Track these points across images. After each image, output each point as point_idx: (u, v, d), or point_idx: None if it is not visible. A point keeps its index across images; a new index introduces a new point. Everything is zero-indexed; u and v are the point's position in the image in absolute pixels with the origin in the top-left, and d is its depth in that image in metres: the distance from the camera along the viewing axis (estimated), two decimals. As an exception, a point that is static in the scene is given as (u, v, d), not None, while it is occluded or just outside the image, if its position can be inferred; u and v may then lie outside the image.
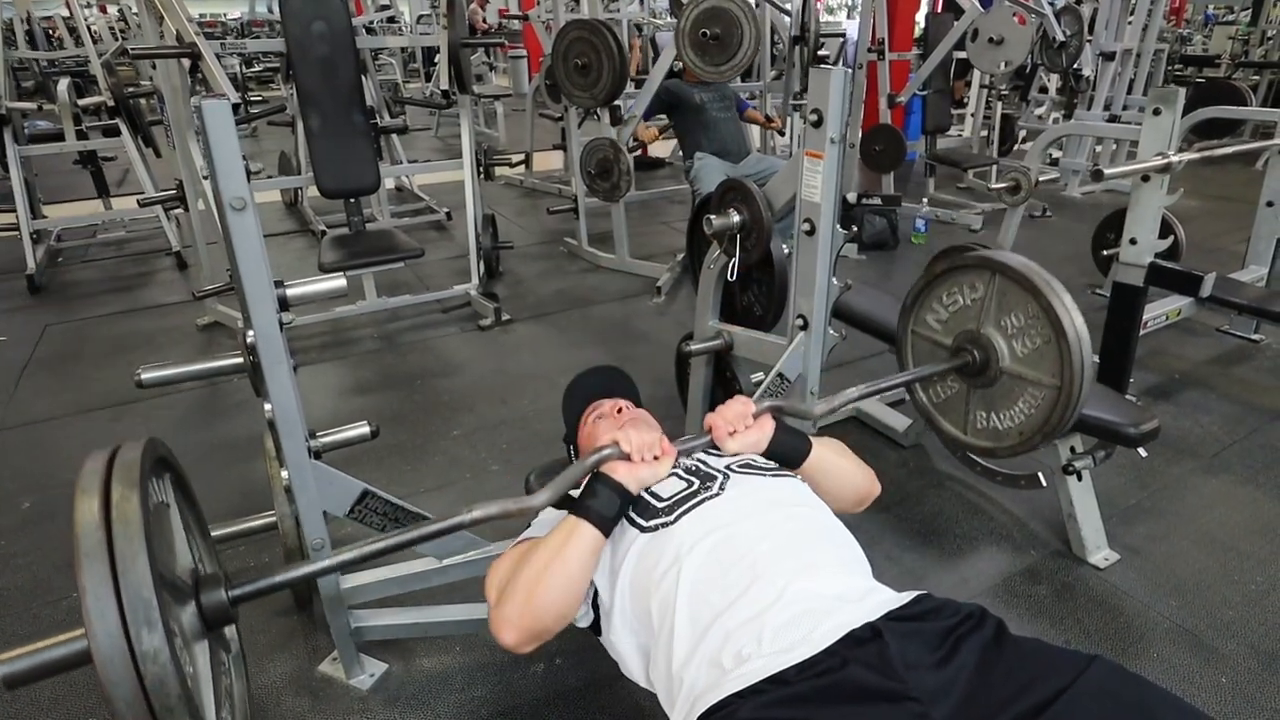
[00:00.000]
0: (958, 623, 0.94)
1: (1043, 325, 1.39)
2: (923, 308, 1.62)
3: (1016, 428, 1.48)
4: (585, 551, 1.06)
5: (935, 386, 1.64)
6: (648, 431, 1.17)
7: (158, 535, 0.82)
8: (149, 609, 0.71)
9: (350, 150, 3.18)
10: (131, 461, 0.82)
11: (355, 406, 2.78)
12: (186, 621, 0.88)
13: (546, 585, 1.03)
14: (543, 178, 5.99)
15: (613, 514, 1.08)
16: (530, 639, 1.04)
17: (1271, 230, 2.97)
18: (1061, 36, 4.18)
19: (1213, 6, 10.75)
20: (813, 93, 1.51)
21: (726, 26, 3.21)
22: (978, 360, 1.48)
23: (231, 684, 1.00)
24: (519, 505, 1.05)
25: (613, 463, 1.12)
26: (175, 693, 0.71)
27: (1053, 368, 1.38)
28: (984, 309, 1.48)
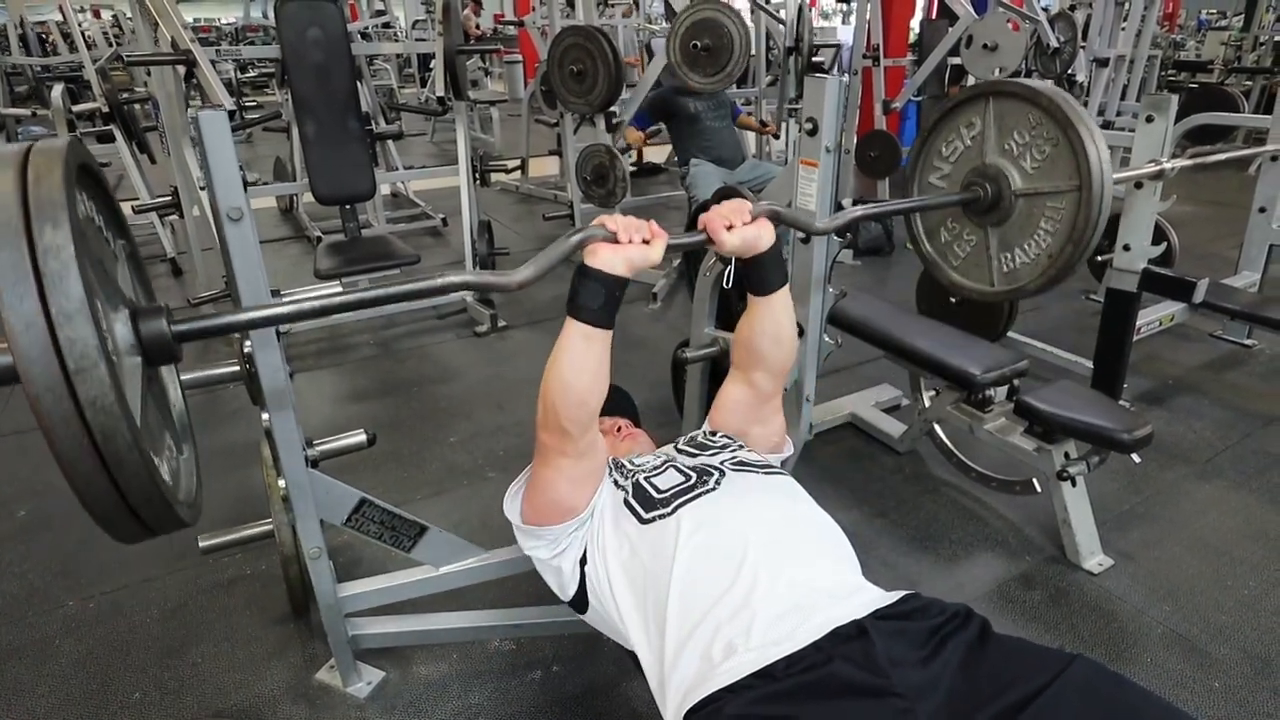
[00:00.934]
0: (943, 622, 0.95)
1: (1048, 129, 1.33)
2: (924, 169, 1.54)
3: (1044, 251, 1.40)
4: (575, 346, 1.06)
5: (952, 247, 1.56)
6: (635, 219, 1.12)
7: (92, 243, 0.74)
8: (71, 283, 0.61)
9: (345, 156, 3.18)
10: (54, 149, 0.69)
11: (352, 413, 2.78)
12: (119, 334, 0.77)
13: (547, 385, 1.07)
14: (538, 184, 5.99)
15: (599, 303, 1.05)
16: (556, 434, 1.09)
17: (1264, 236, 2.99)
18: (1055, 43, 4.20)
19: (1205, 12, 10.83)
20: (808, 101, 1.52)
21: (717, 37, 3.23)
22: (989, 192, 1.41)
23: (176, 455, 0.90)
24: (500, 277, 1.01)
25: (596, 244, 1.07)
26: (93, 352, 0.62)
27: (1067, 169, 1.32)
28: (985, 140, 1.42)
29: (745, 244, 1.18)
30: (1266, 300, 2.76)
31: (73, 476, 0.66)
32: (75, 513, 0.74)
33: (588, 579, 1.16)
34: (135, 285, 0.95)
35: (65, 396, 0.62)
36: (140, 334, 0.79)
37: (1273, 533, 2.06)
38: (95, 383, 0.63)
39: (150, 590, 1.86)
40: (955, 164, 1.49)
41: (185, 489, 0.88)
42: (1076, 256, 1.38)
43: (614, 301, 1.06)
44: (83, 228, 0.69)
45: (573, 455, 1.13)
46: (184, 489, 0.87)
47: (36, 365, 0.61)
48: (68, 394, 0.62)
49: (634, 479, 1.22)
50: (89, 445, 0.64)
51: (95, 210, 0.84)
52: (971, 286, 1.54)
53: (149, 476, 0.69)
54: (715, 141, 3.96)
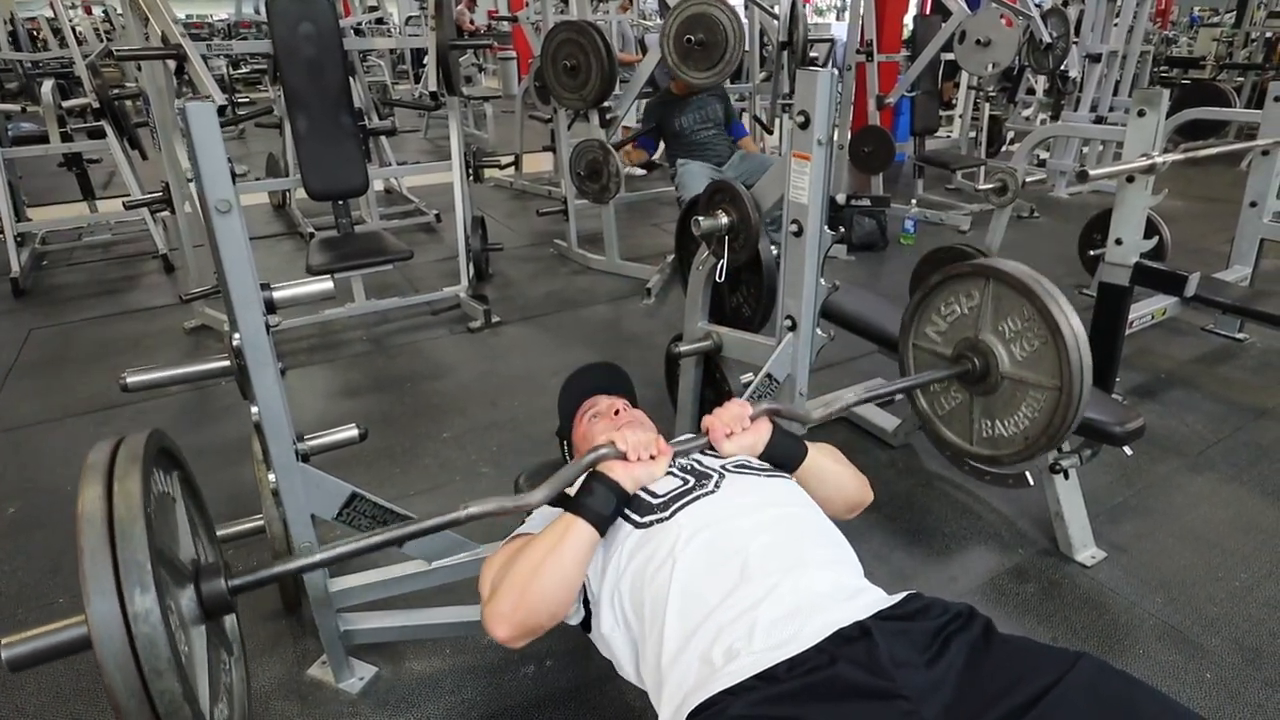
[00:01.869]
0: (946, 622, 0.95)
1: (1039, 327, 1.39)
2: (922, 320, 1.62)
3: (1021, 433, 1.48)
4: (580, 548, 1.06)
5: (939, 399, 1.64)
6: (644, 431, 1.19)
7: (161, 521, 0.84)
8: (142, 571, 0.74)
9: (338, 152, 3.17)
10: (136, 445, 0.85)
11: (344, 409, 2.77)
12: (185, 605, 0.89)
13: (541, 581, 1.03)
14: (532, 179, 5.98)
15: (609, 512, 1.09)
16: (523, 634, 1.04)
17: (1255, 230, 3.00)
18: (1048, 38, 4.21)
19: (1198, 9, 10.86)
20: (800, 95, 1.51)
21: (711, 32, 3.22)
22: (978, 367, 1.48)
23: (232, 683, 1.00)
24: (515, 502, 1.06)
25: (609, 462, 1.13)
26: (165, 655, 0.73)
27: (1051, 369, 1.39)
28: (981, 315, 1.49)
29: (743, 450, 1.24)
30: (1258, 294, 2.77)
31: None
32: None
33: (591, 604, 1.14)
34: (204, 548, 1.08)
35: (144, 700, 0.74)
36: (202, 597, 0.92)
37: (1264, 525, 2.07)
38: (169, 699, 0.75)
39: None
40: (951, 326, 1.57)
41: (239, 708, 1.00)
42: (1049, 447, 1.46)
43: (618, 513, 1.11)
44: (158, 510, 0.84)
45: None
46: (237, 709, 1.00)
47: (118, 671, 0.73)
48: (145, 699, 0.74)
49: None
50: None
51: (175, 487, 0.98)
52: (954, 441, 1.63)
53: None
54: (703, 151, 3.99)
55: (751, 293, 2.04)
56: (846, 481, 1.34)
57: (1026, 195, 3.65)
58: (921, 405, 1.69)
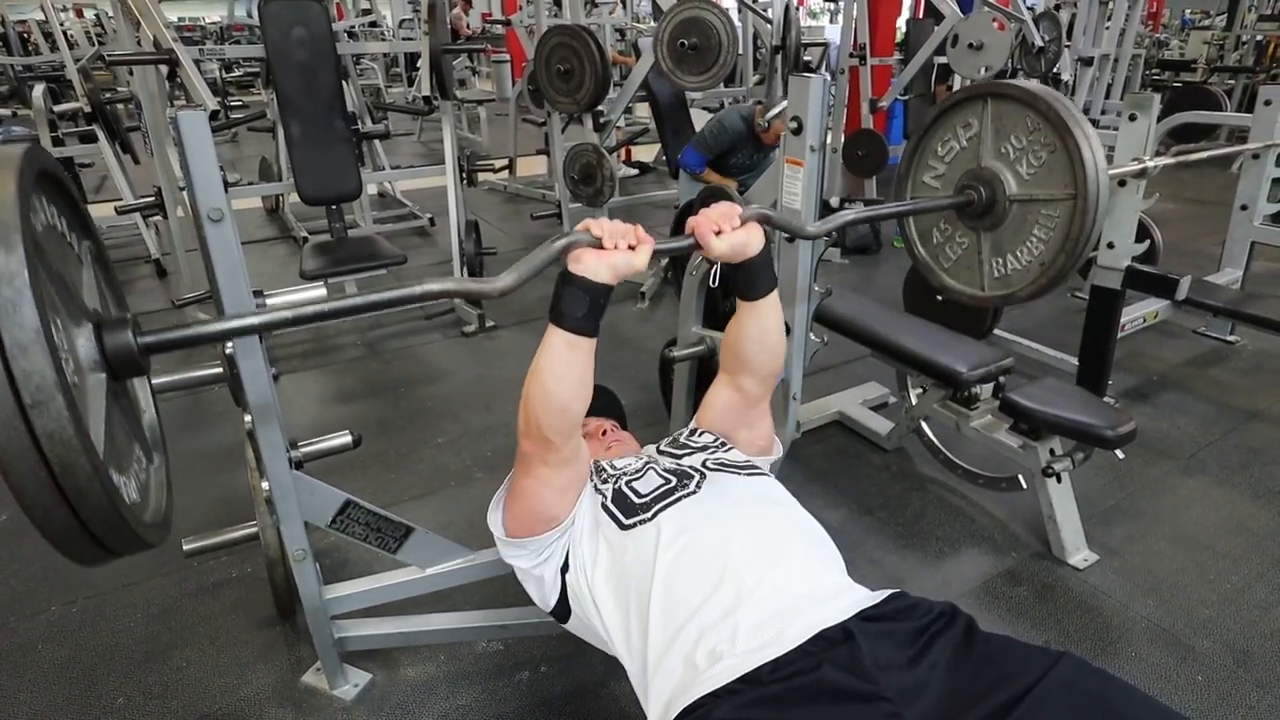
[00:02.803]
0: (929, 621, 0.95)
1: (1045, 134, 1.31)
2: (919, 169, 1.51)
3: (1036, 259, 1.39)
4: (563, 352, 1.04)
5: (943, 249, 1.54)
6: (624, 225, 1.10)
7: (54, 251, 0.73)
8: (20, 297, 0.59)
9: (331, 156, 3.16)
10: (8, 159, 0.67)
11: (338, 415, 2.77)
12: (81, 346, 0.75)
13: (536, 389, 1.06)
14: (526, 183, 5.98)
15: (583, 311, 1.02)
16: (538, 443, 1.09)
17: (1246, 233, 3.02)
18: (1040, 42, 4.23)
19: (1189, 12, 10.93)
20: (792, 100, 1.52)
21: (704, 36, 3.22)
22: (983, 196, 1.39)
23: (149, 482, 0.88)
24: (478, 285, 0.99)
25: (580, 250, 1.04)
26: (50, 378, 0.61)
27: (1063, 176, 1.31)
28: (981, 142, 1.40)
29: (734, 250, 1.15)
30: (1248, 297, 2.79)
31: (30, 509, 0.65)
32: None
33: (569, 587, 1.15)
34: (103, 289, 0.93)
35: (22, 431, 0.61)
36: (105, 349, 0.77)
37: (1255, 527, 2.08)
38: (52, 416, 0.61)
39: (134, 594, 1.84)
40: (950, 164, 1.48)
41: (154, 505, 0.86)
42: (1069, 266, 1.35)
43: (598, 309, 1.04)
44: (41, 242, 0.68)
45: (555, 464, 1.12)
46: (152, 506, 0.86)
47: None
48: (24, 428, 0.61)
49: (615, 484, 1.21)
50: (47, 478, 0.63)
51: (57, 215, 0.81)
52: (962, 289, 1.53)
53: (111, 505, 0.68)
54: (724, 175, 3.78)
55: (745, 297, 2.03)
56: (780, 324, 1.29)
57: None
58: (922, 256, 1.58)
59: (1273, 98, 2.80)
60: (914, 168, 1.54)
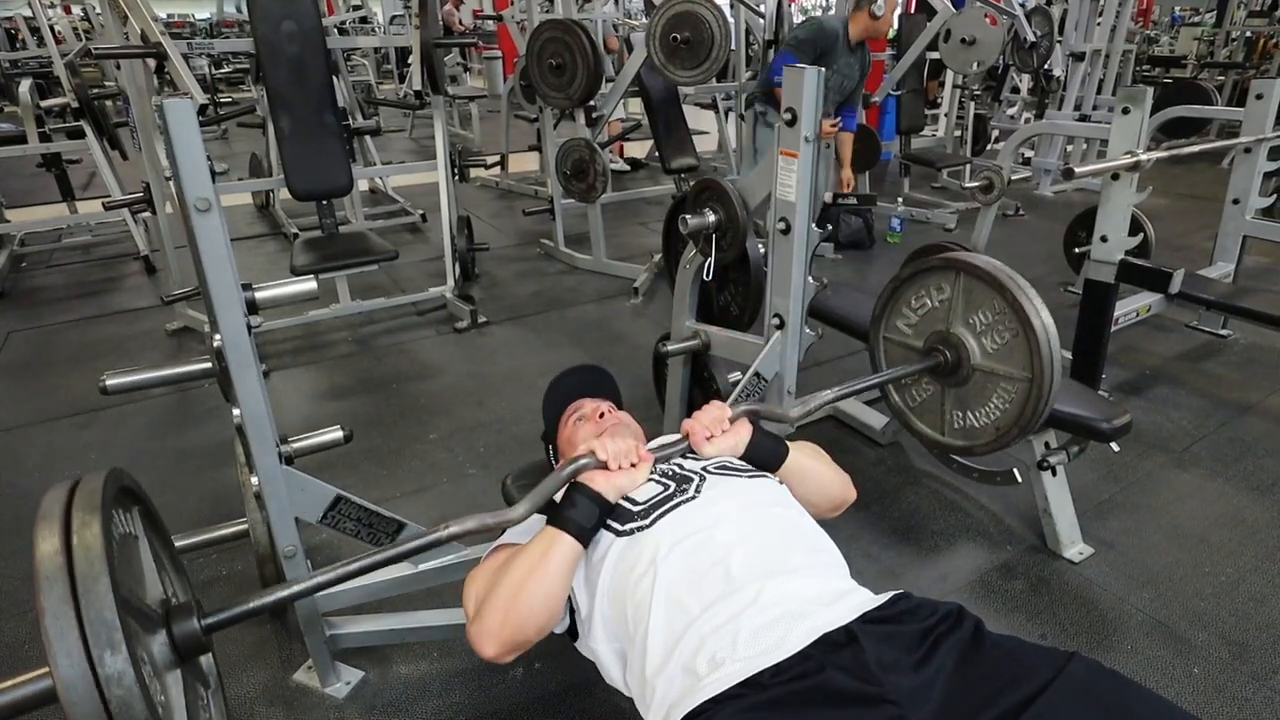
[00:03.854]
0: (935, 623, 0.93)
1: (1009, 320, 1.40)
2: (892, 313, 1.63)
3: (992, 424, 1.49)
4: (565, 562, 1.05)
5: (911, 390, 1.65)
6: (624, 438, 1.18)
7: (124, 565, 0.80)
8: (111, 630, 0.69)
9: (322, 152, 3.14)
10: (93, 489, 0.80)
11: (329, 411, 2.74)
12: (157, 651, 0.85)
13: (527, 597, 1.02)
14: (518, 179, 5.95)
15: (591, 524, 1.08)
16: (510, 650, 1.03)
17: (1237, 227, 3.03)
18: (1032, 37, 4.23)
19: (1179, 8, 10.97)
20: (787, 92, 1.51)
21: (696, 30, 3.21)
22: (950, 359, 1.50)
23: (211, 717, 0.97)
24: (496, 519, 1.05)
25: (590, 472, 1.12)
26: (141, 715, 0.69)
27: (1022, 360, 1.40)
28: (952, 309, 1.50)
29: (722, 452, 1.23)
30: (1241, 291, 2.79)
31: None
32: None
33: (577, 611, 1.13)
34: (172, 583, 1.02)
35: None
36: (175, 641, 0.87)
37: (1249, 519, 2.08)
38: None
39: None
40: (922, 319, 1.57)
41: None
42: (1022, 436, 1.47)
43: (600, 524, 1.10)
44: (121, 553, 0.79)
45: None
46: None
47: None
48: None
49: None
50: None
51: (137, 524, 0.93)
52: (925, 431, 1.64)
53: None
54: None
55: (739, 291, 2.03)
56: (829, 480, 1.33)
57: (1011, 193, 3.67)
58: (894, 399, 1.70)
59: (1264, 92, 2.80)
60: (887, 313, 1.63)
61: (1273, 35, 7.31)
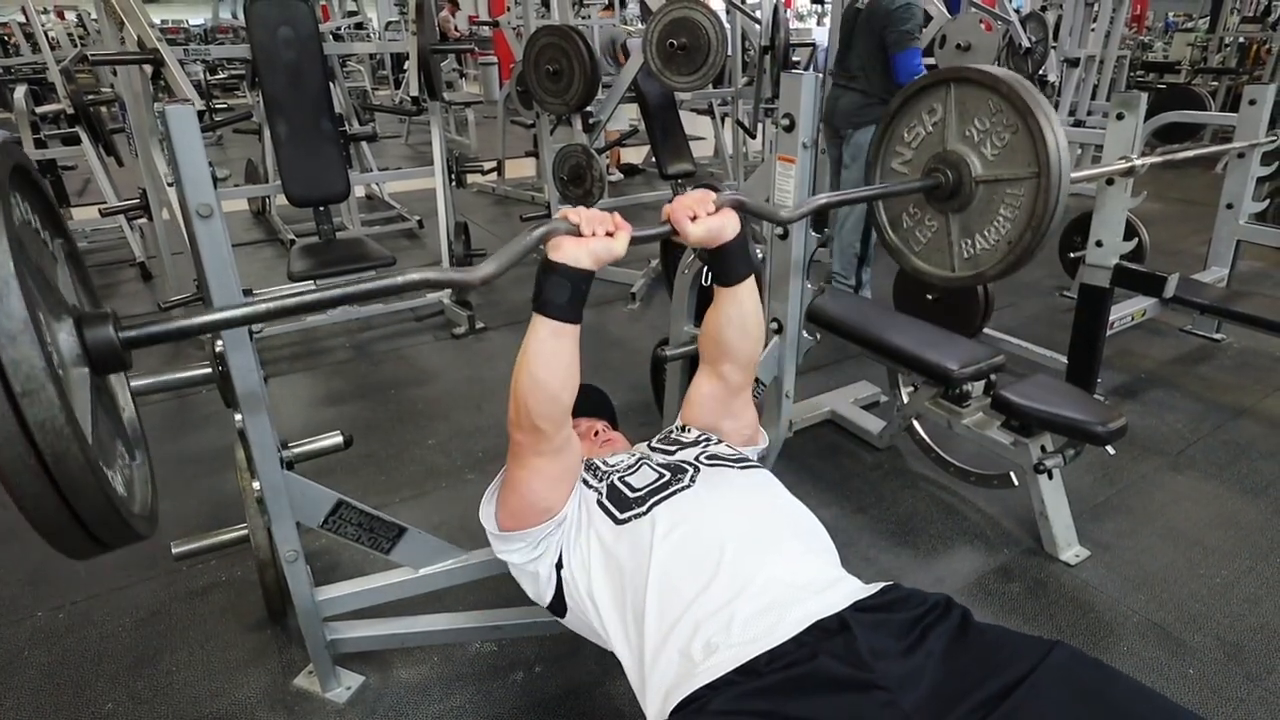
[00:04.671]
0: (924, 612, 0.96)
1: (1008, 115, 1.34)
2: (887, 155, 1.55)
3: (1004, 238, 1.42)
4: (544, 342, 1.05)
5: (914, 233, 1.58)
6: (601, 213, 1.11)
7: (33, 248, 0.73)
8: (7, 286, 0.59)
9: (319, 157, 3.14)
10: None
11: (327, 417, 2.74)
12: (64, 342, 0.74)
13: (524, 382, 1.06)
14: (515, 185, 5.97)
15: (565, 298, 1.04)
16: (529, 433, 1.09)
17: (1231, 232, 3.05)
18: (1028, 43, 4.26)
19: (1173, 14, 11.05)
20: (784, 97, 1.52)
21: (693, 36, 3.23)
22: (950, 178, 1.43)
23: (133, 478, 0.87)
24: (463, 274, 1.00)
25: (559, 238, 1.05)
26: (39, 367, 0.59)
27: (1026, 156, 1.34)
28: (946, 127, 1.44)
29: (709, 234, 1.16)
30: (1235, 295, 2.81)
31: (21, 498, 0.64)
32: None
33: (564, 583, 1.15)
34: (78, 288, 0.92)
35: (11, 419, 0.60)
36: (86, 343, 0.76)
37: (1243, 522, 2.10)
38: (43, 404, 0.61)
39: (122, 599, 1.82)
40: (917, 150, 1.50)
41: (140, 499, 0.85)
42: (1035, 242, 1.38)
43: (580, 296, 1.06)
44: (20, 236, 0.67)
45: (547, 453, 1.12)
46: (139, 499, 0.85)
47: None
48: (14, 416, 0.60)
49: (608, 480, 1.21)
50: (38, 467, 0.62)
51: (31, 212, 0.81)
52: (933, 272, 1.55)
53: (104, 495, 0.67)
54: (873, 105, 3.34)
55: (737, 296, 2.03)
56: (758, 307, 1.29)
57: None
58: (894, 241, 1.62)
59: (1257, 97, 2.83)
60: (882, 154, 1.56)
61: (1265, 41, 7.36)
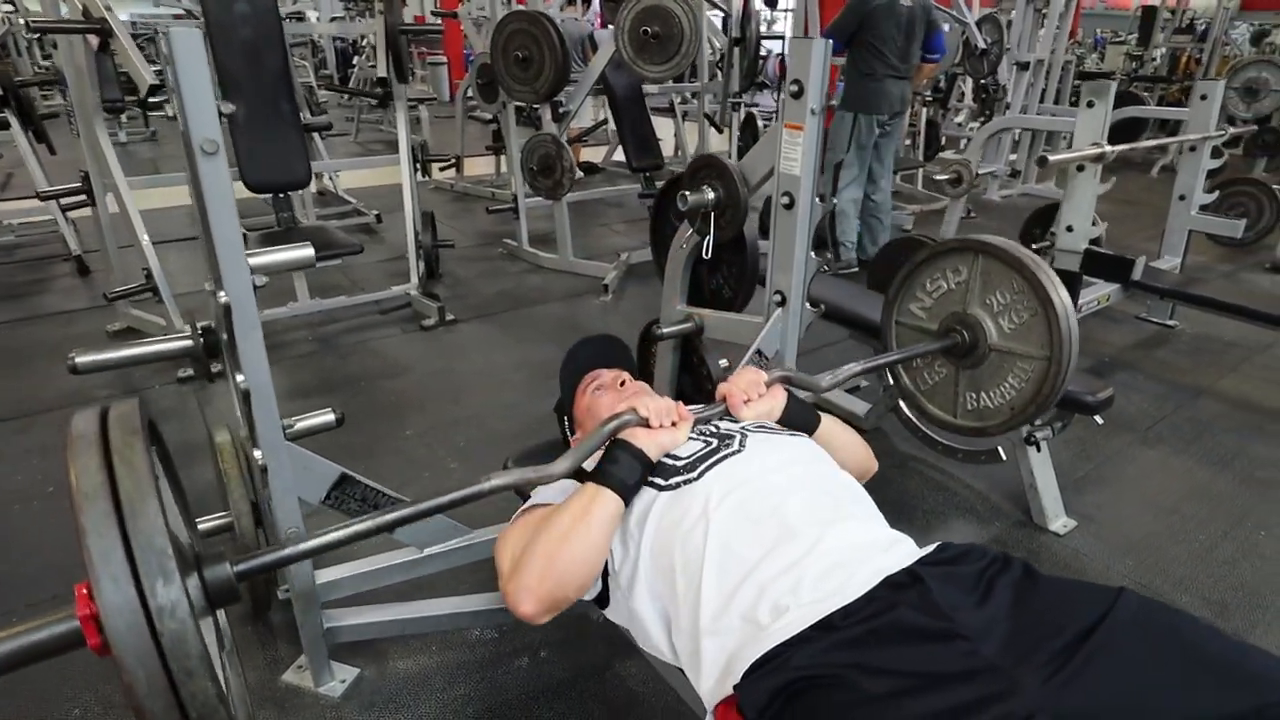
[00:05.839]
0: (987, 565, 0.95)
1: (1028, 299, 1.41)
2: (906, 296, 1.61)
3: (1007, 403, 1.49)
4: (607, 518, 1.02)
5: (922, 374, 1.64)
6: (662, 398, 1.15)
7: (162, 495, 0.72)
8: (163, 557, 0.61)
9: (279, 141, 3.00)
10: (129, 412, 0.72)
11: (295, 409, 2.59)
12: (194, 596, 0.75)
13: (568, 553, 0.98)
14: (474, 182, 5.86)
15: (634, 480, 1.05)
16: (548, 608, 0.99)
17: (1183, 222, 3.18)
18: (983, 44, 4.38)
19: (1101, 30, 11.61)
20: (793, 63, 1.50)
21: (666, 24, 3.22)
22: (966, 340, 1.49)
23: (229, 681, 0.89)
24: (539, 473, 1.00)
25: (632, 429, 1.09)
26: (196, 652, 0.61)
27: (1040, 339, 1.40)
28: (969, 290, 1.49)
29: (760, 416, 1.23)
30: (1191, 280, 2.93)
31: None
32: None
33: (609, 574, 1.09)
34: (189, 532, 0.93)
35: None
36: (207, 585, 0.76)
37: (1213, 491, 2.18)
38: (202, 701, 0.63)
39: (82, 598, 1.68)
40: (937, 301, 1.58)
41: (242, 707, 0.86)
42: (1037, 414, 1.48)
43: (642, 481, 1.07)
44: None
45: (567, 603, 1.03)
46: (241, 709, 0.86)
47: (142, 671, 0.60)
48: None
49: None
50: None
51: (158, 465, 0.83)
52: (936, 413, 1.64)
53: None
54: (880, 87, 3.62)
55: (732, 273, 2.01)
56: (856, 448, 1.34)
57: (964, 196, 3.79)
58: (904, 382, 1.69)
59: (1208, 93, 2.96)
60: (900, 297, 1.63)
61: (1195, 52, 7.79)
